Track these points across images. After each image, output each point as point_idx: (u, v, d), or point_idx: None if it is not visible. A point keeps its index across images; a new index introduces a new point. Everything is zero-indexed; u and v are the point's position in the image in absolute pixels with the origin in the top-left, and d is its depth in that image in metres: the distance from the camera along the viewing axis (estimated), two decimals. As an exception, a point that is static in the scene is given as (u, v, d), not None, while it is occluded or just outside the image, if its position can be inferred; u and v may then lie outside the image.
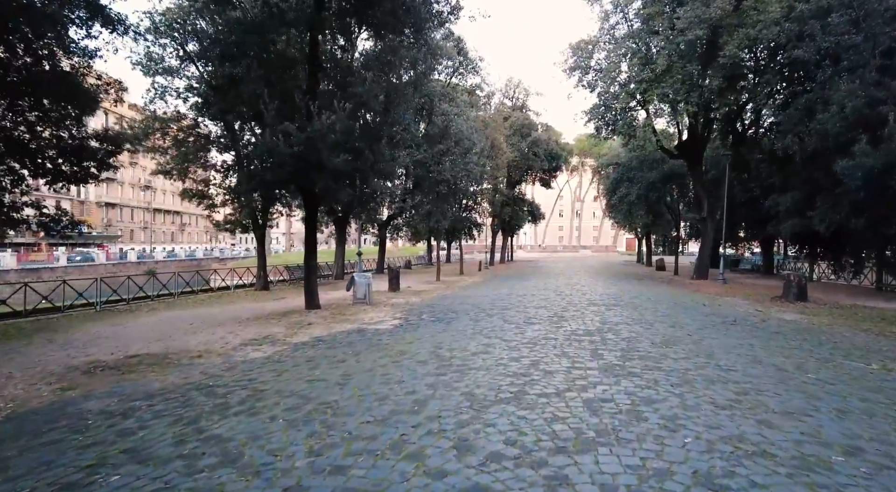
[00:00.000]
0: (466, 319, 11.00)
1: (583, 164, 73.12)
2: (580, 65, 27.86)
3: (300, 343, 8.86)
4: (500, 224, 43.92)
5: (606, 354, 7.11)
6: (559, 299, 15.11)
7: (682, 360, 6.78)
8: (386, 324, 10.84)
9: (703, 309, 13.33)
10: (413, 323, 10.80)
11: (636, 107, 27.91)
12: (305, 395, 5.40)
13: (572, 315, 11.46)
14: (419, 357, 7.09)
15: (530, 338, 8.44)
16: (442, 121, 25.06)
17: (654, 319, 10.86)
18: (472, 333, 9.05)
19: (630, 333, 8.89)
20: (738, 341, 8.34)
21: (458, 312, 12.52)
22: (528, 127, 40.47)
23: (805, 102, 20.44)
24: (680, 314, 11.94)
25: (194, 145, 18.98)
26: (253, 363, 7.33)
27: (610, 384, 5.51)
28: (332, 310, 13.49)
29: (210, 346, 8.93)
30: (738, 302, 15.78)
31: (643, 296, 16.56)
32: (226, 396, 5.52)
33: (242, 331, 10.45)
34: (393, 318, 11.79)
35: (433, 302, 15.23)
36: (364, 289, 15.21)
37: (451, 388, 5.46)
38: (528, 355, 7.03)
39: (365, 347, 8.06)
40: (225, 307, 15.57)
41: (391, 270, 19.73)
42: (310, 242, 13.43)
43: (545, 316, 11.36)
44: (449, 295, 17.42)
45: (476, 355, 7.07)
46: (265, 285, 21.16)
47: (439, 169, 23.90)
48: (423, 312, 12.78)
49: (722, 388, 5.45)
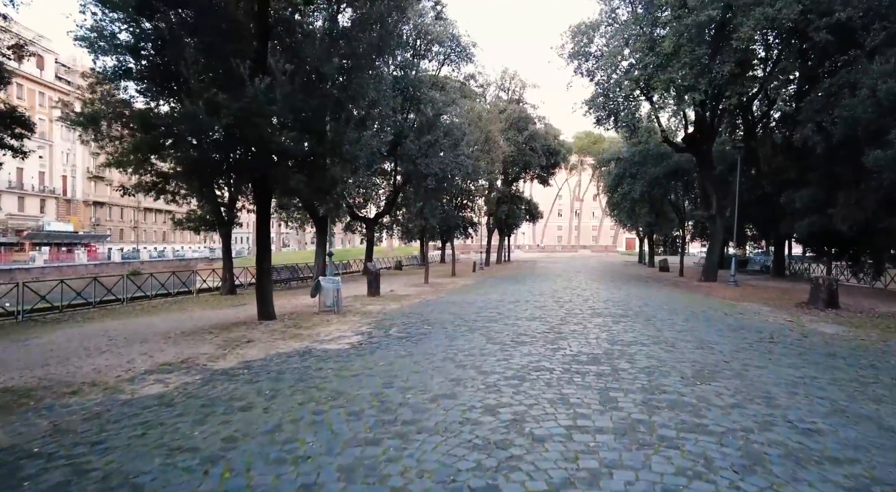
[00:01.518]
0: (441, 336, 8.90)
1: (582, 162, 71.02)
2: (580, 51, 25.78)
3: (220, 371, 6.78)
4: (496, 223, 41.79)
5: (622, 398, 5.01)
6: (557, 308, 13.03)
7: (732, 410, 4.70)
8: (342, 342, 8.75)
9: (725, 319, 11.26)
10: (375, 341, 8.70)
11: (639, 96, 25.84)
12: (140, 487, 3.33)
13: (572, 331, 9.36)
14: (356, 403, 4.99)
15: (516, 368, 6.34)
16: (430, 110, 22.99)
17: (675, 337, 8.78)
18: (442, 360, 6.94)
19: (649, 361, 6.80)
20: (794, 372, 6.27)
21: (434, 324, 10.43)
22: (524, 120, 38.33)
23: (828, 87, 18.41)
24: (703, 328, 9.86)
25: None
26: (134, 406, 5.27)
27: (635, 468, 3.41)
28: (288, 321, 11.40)
29: (105, 374, 6.86)
30: (760, 309, 13.73)
31: (653, 302, 14.48)
32: (37, 477, 3.47)
33: (163, 350, 8.37)
34: (355, 333, 9.70)
35: (412, 310, 13.14)
36: (332, 295, 13.12)
37: (375, 475, 3.38)
38: (509, 402, 4.93)
39: (293, 382, 5.97)
40: (173, 316, 13.49)
41: (370, 272, 17.64)
42: (262, 241, 11.34)
43: (539, 332, 9.26)
44: (432, 301, 15.34)
45: (436, 402, 4.96)
46: (231, 289, 19.06)
47: (427, 162, 21.84)
48: (394, 324, 10.69)
49: (818, 472, 3.38)
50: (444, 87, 26.28)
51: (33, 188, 56.64)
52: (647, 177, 30.07)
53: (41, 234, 54.87)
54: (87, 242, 60.54)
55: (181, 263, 61.63)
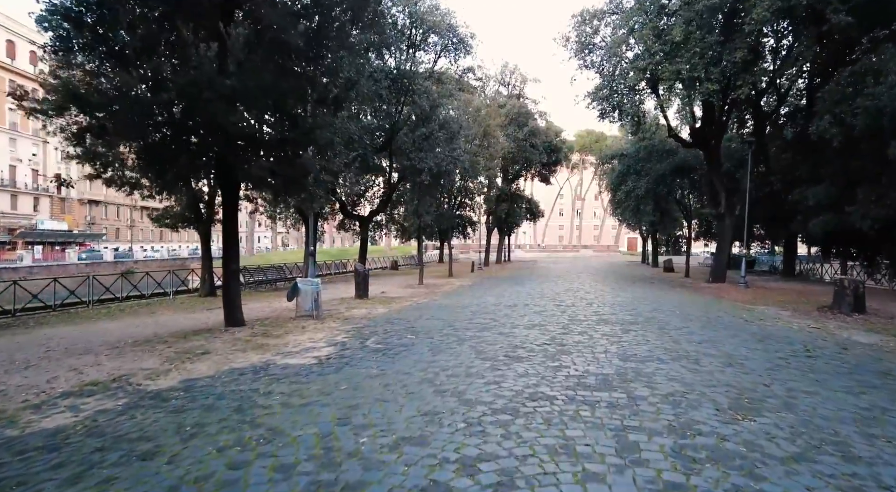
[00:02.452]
0: (424, 349, 7.67)
1: (583, 161, 69.69)
2: (585, 42, 24.54)
3: (151, 394, 5.58)
4: (496, 222, 40.52)
5: (646, 445, 3.79)
6: (558, 313, 11.80)
7: (798, 466, 3.46)
8: (309, 355, 7.52)
9: (747, 327, 10.02)
10: (347, 355, 7.48)
11: (646, 89, 24.57)
12: None
13: (576, 342, 8.12)
14: (292, 451, 3.77)
15: (508, 396, 5.10)
16: (426, 102, 21.75)
17: (696, 350, 7.54)
18: (419, 382, 5.71)
19: (672, 384, 5.56)
20: (855, 401, 5.03)
21: (420, 333, 9.20)
22: (525, 116, 37.05)
23: (848, 76, 17.19)
24: (725, 338, 8.63)
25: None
26: (11, 448, 4.06)
27: None
28: (258, 328, 10.17)
29: (12, 397, 5.67)
30: (779, 314, 12.51)
31: (664, 306, 13.24)
32: None
33: (99, 365, 7.17)
34: (328, 343, 8.47)
35: (399, 315, 11.93)
36: (310, 299, 11.90)
37: None
38: (495, 451, 3.70)
39: (227, 413, 4.75)
40: (138, 321, 12.27)
41: (359, 273, 16.42)
42: (229, 239, 10.11)
43: (538, 344, 8.03)
44: (423, 305, 14.13)
45: (397, 451, 3.72)
46: (211, 290, 17.83)
47: (421, 156, 20.62)
48: (375, 332, 9.47)
49: None
50: (441, 80, 25.03)
51: (26, 186, 55.52)
52: (653, 174, 28.80)
53: (34, 232, 53.74)
54: (81, 241, 59.41)
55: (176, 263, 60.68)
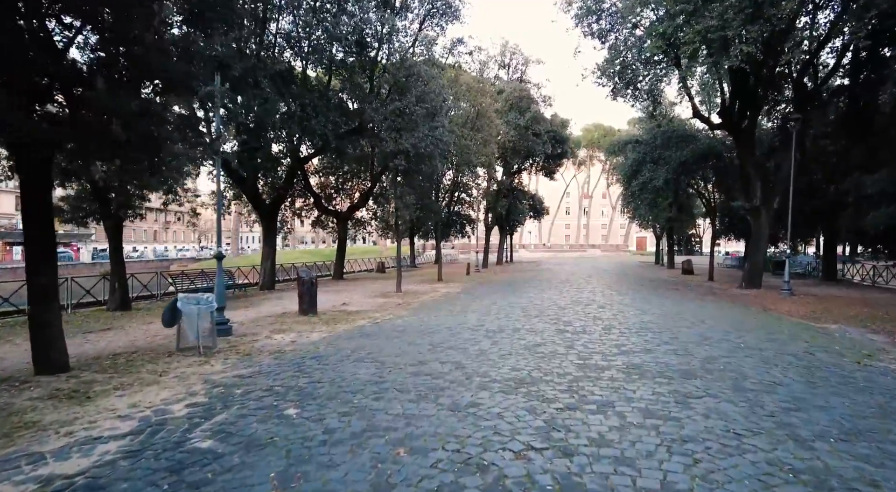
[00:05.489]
0: (280, 456, 3.85)
1: (591, 157, 65.54)
2: (589, 6, 20.62)
3: None
4: (496, 219, 36.50)
5: None
6: (562, 349, 7.84)
7: None
8: (89, 453, 3.71)
9: (865, 376, 6.10)
10: (122, 470, 3.66)
11: (664, 61, 20.55)
12: None
13: (600, 435, 4.23)
14: None
15: None
16: (401, 71, 17.95)
17: (842, 468, 3.67)
18: None
19: None
20: None
21: (319, 397, 5.34)
22: (527, 101, 33.06)
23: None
24: (866, 410, 4.73)
25: None
26: None
27: None
28: (87, 375, 6.38)
29: None
30: (861, 338, 8.63)
31: (713, 333, 9.25)
32: None
33: None
34: (144, 423, 4.62)
35: (329, 347, 8.08)
36: (197, 325, 8.06)
37: None
38: None
39: None
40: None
41: (303, 281, 12.58)
42: (34, 242, 6.32)
43: (523, 435, 4.14)
44: (379, 326, 10.29)
45: None
46: (123, 304, 14.02)
47: (394, 136, 16.82)
48: (253, 389, 5.64)
49: None
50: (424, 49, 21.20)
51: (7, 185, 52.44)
52: (674, 161, 24.61)
53: (15, 233, 50.66)
54: (67, 242, 56.32)
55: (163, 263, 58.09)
